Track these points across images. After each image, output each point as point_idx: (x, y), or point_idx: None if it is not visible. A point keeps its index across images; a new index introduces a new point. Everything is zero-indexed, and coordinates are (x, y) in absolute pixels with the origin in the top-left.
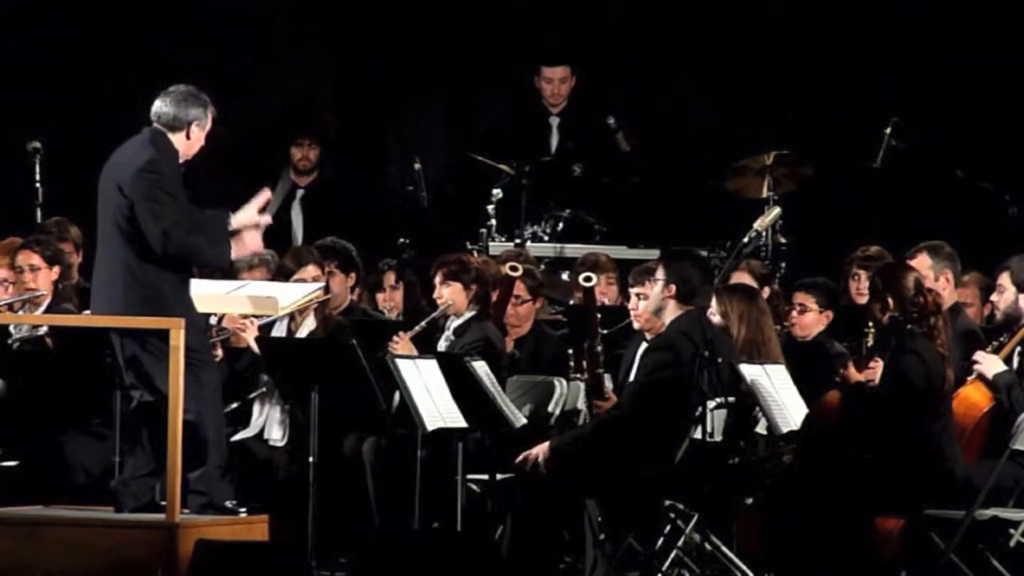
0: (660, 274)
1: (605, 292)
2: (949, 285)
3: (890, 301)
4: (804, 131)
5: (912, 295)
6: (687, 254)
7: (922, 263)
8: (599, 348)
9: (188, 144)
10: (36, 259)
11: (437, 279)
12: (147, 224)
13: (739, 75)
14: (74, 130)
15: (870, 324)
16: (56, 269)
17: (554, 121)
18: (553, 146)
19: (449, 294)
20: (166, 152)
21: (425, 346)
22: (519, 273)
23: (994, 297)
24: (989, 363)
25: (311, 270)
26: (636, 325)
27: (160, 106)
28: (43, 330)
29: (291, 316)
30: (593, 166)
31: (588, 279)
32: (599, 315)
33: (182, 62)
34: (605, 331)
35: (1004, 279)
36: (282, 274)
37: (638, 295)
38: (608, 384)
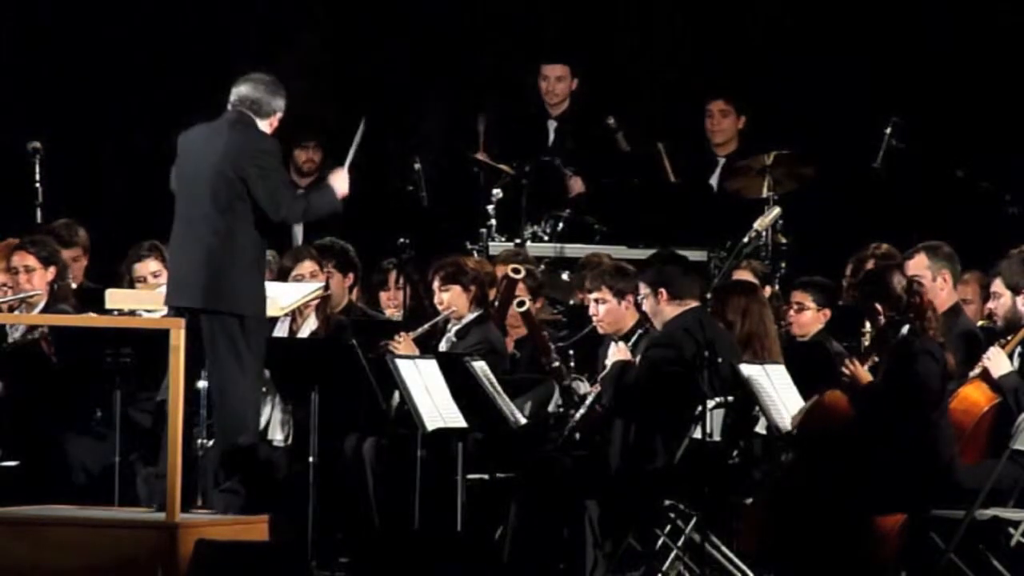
0: (644, 289)
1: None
2: (947, 285)
3: (879, 307)
4: (804, 131)
5: (904, 295)
6: (657, 256)
7: (920, 263)
8: (556, 363)
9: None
10: (31, 260)
11: (435, 284)
12: (270, 199)
13: (739, 75)
14: (74, 130)
15: (867, 325)
16: (52, 270)
17: (551, 124)
18: (550, 151)
19: (450, 299)
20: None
21: (426, 348)
22: (521, 276)
23: (991, 304)
24: (997, 362)
25: (308, 266)
26: (600, 330)
27: (248, 91)
28: (41, 331)
29: (292, 316)
30: (586, 171)
31: (521, 304)
32: (545, 333)
33: (183, 63)
34: (561, 344)
35: (998, 285)
36: (280, 273)
37: (596, 300)
38: (583, 387)
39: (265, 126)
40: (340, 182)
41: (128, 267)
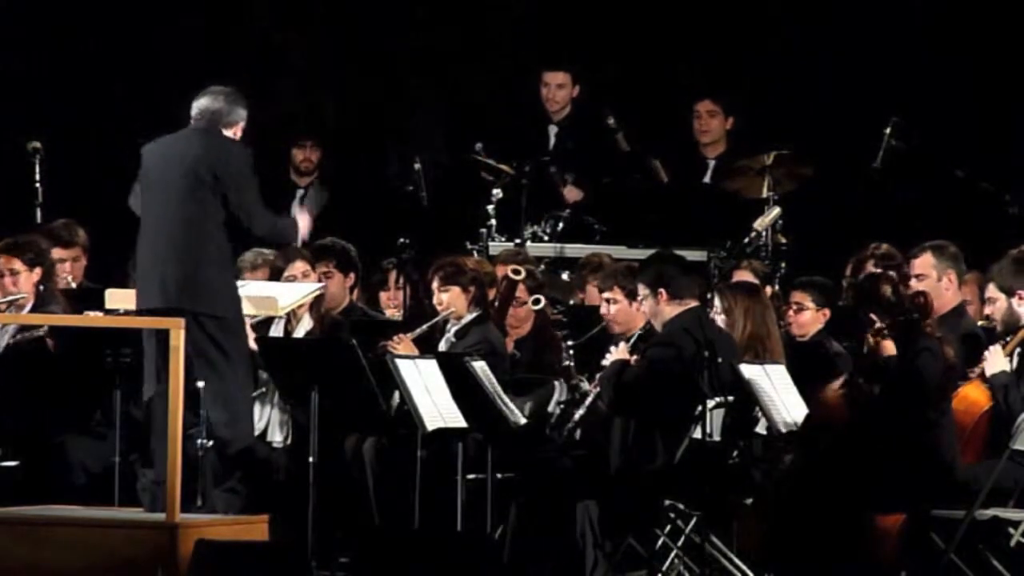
0: (643, 290)
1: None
2: (952, 285)
3: (872, 316)
4: (804, 131)
5: (899, 296)
6: (656, 256)
7: (926, 262)
8: (568, 363)
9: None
10: (16, 263)
11: (434, 285)
12: (241, 207)
13: (739, 75)
14: (74, 130)
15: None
16: (38, 271)
17: (552, 130)
18: (550, 154)
19: (449, 299)
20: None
21: (425, 348)
22: (521, 276)
23: (987, 310)
24: (992, 360)
25: (299, 266)
26: (611, 330)
27: (208, 103)
28: (39, 332)
29: (288, 317)
30: (586, 172)
31: (536, 301)
32: (558, 332)
33: (183, 63)
34: (570, 343)
35: (991, 289)
36: (272, 273)
37: (608, 300)
38: (584, 386)
39: (229, 135)
40: (303, 224)
41: (134, 265)
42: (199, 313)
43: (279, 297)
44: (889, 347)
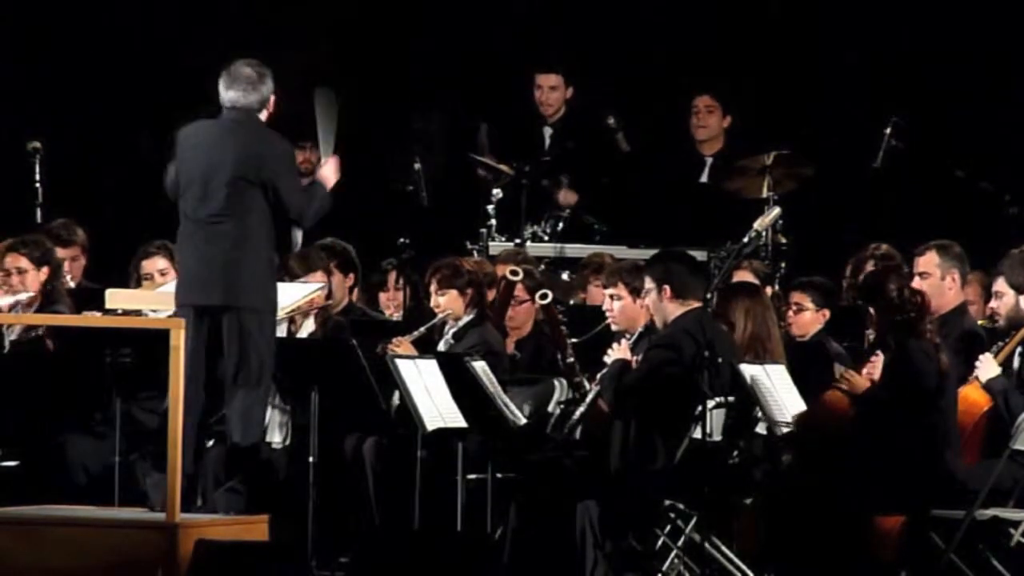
0: (648, 283)
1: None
2: (955, 285)
3: (871, 311)
4: (804, 131)
5: (903, 297)
6: (664, 254)
7: (930, 260)
8: (571, 359)
9: (268, 115)
10: (23, 261)
11: (432, 287)
12: (298, 207)
13: (738, 75)
14: (74, 130)
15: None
16: (45, 270)
17: (547, 132)
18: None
19: (446, 302)
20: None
21: (424, 350)
22: (519, 277)
23: (993, 303)
24: (985, 367)
25: (319, 276)
26: (613, 327)
27: (237, 97)
28: (41, 331)
29: (292, 317)
30: (581, 179)
31: (544, 296)
32: (563, 327)
33: (183, 63)
34: (575, 340)
35: (1000, 284)
36: (288, 276)
37: (612, 296)
38: (587, 384)
39: (264, 116)
40: (328, 172)
41: (136, 265)
42: (245, 308)
43: (280, 298)
44: (862, 383)
